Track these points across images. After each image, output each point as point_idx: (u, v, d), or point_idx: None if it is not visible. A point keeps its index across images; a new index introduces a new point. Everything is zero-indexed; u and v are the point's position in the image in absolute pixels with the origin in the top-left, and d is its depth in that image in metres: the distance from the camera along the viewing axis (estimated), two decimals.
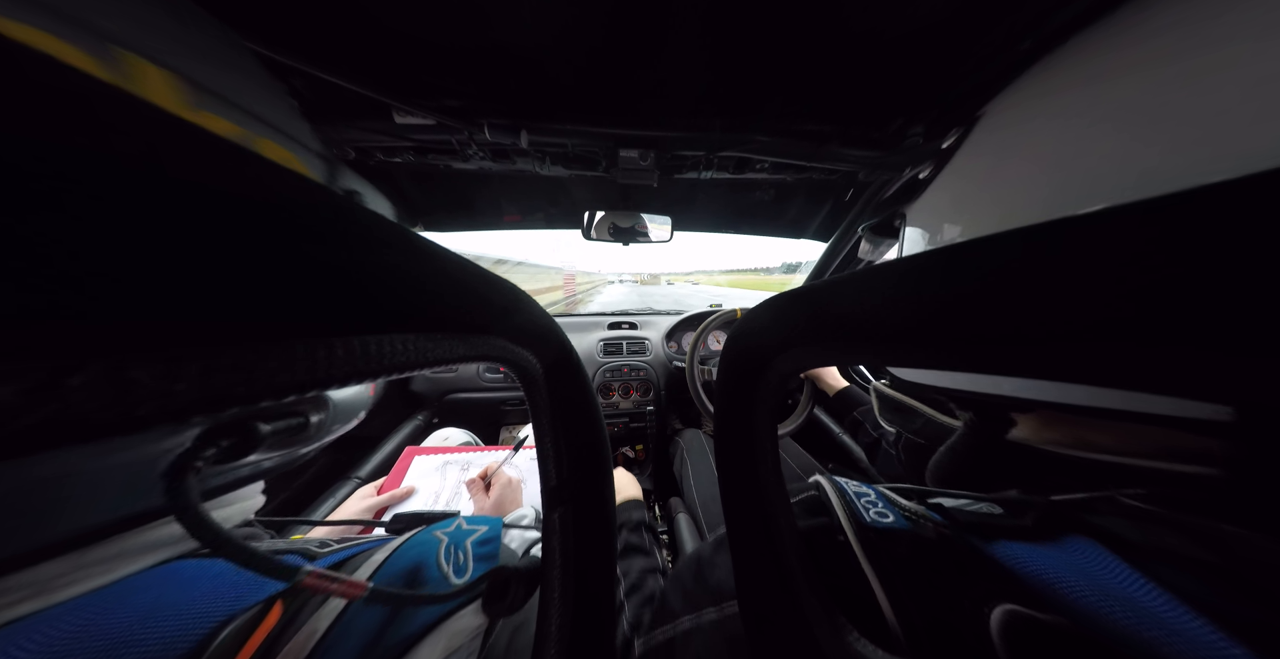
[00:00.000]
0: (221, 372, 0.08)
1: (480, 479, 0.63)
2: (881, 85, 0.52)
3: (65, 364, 0.06)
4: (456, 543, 0.29)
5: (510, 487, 0.62)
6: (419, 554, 0.27)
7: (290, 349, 0.09)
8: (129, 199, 0.07)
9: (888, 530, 0.23)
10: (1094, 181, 0.20)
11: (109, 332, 0.06)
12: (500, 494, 0.59)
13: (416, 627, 0.22)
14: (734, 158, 0.74)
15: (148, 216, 0.07)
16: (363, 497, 0.65)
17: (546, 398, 0.22)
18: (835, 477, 0.30)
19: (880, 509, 0.25)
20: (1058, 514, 0.22)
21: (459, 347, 0.15)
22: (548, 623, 0.21)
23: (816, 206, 1.05)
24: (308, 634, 0.20)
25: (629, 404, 1.40)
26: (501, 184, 0.97)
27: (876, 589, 0.20)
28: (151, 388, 0.07)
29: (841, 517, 0.25)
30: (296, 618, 0.20)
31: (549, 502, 0.23)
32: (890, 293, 0.14)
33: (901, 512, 0.25)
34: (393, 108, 0.56)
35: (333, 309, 0.11)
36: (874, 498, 0.27)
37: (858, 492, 0.27)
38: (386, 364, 0.12)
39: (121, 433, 0.07)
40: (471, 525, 0.32)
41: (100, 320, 0.06)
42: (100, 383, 0.06)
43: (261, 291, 0.09)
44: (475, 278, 0.17)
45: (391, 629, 0.22)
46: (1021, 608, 0.17)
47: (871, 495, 0.27)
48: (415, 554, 0.27)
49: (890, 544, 0.22)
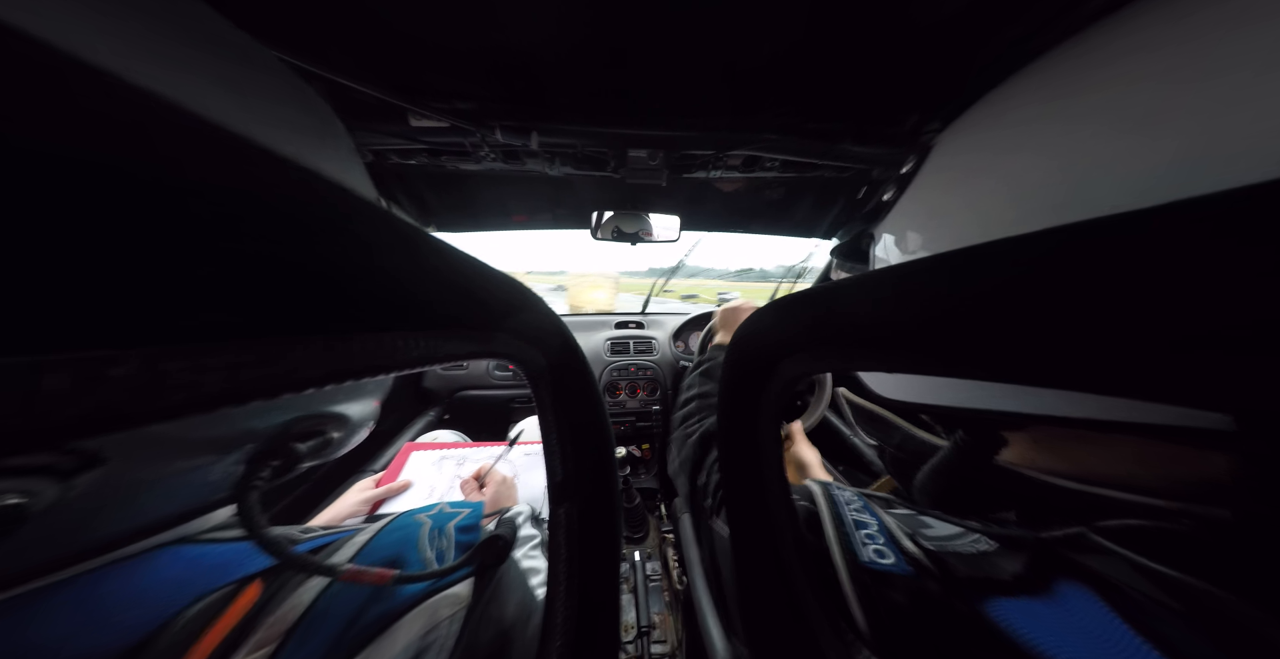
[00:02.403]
0: (246, 367, 0.08)
1: (474, 479, 0.63)
2: (895, 80, 0.51)
3: (108, 355, 0.06)
4: (439, 526, 0.29)
5: (505, 484, 0.62)
6: (401, 538, 0.27)
7: (310, 345, 0.10)
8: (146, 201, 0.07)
9: (885, 574, 0.21)
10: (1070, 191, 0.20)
11: (137, 328, 0.07)
12: (495, 492, 0.60)
13: (398, 603, 0.22)
14: (743, 156, 0.73)
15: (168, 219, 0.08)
16: (360, 489, 0.66)
17: (552, 394, 0.22)
18: (832, 487, 0.28)
19: (879, 546, 0.22)
20: (1049, 554, 0.21)
21: (468, 343, 0.15)
22: (553, 616, 0.21)
23: (828, 205, 1.04)
24: (289, 609, 0.20)
25: (636, 403, 1.41)
26: (511, 185, 0.98)
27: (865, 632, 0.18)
28: (180, 380, 0.07)
29: (835, 549, 0.22)
30: (277, 594, 0.21)
31: (555, 497, 0.23)
32: (897, 297, 0.14)
33: (903, 554, 0.22)
34: (408, 111, 0.58)
35: (346, 307, 0.11)
36: (875, 531, 0.24)
37: (858, 520, 0.24)
38: (400, 359, 0.12)
39: (158, 420, 0.07)
40: (454, 508, 0.32)
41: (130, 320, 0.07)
42: (138, 374, 0.07)
43: (276, 291, 0.09)
44: (484, 276, 0.18)
45: (374, 606, 0.22)
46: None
47: (872, 528, 0.24)
48: (398, 537, 0.27)
49: (887, 590, 0.20)
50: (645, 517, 1.17)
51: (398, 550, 0.26)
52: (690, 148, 0.70)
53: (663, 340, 1.49)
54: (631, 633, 0.87)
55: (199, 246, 0.08)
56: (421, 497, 0.68)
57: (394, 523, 0.28)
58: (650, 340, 1.49)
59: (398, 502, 0.66)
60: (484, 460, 0.71)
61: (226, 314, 0.08)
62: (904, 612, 0.19)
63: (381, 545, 0.26)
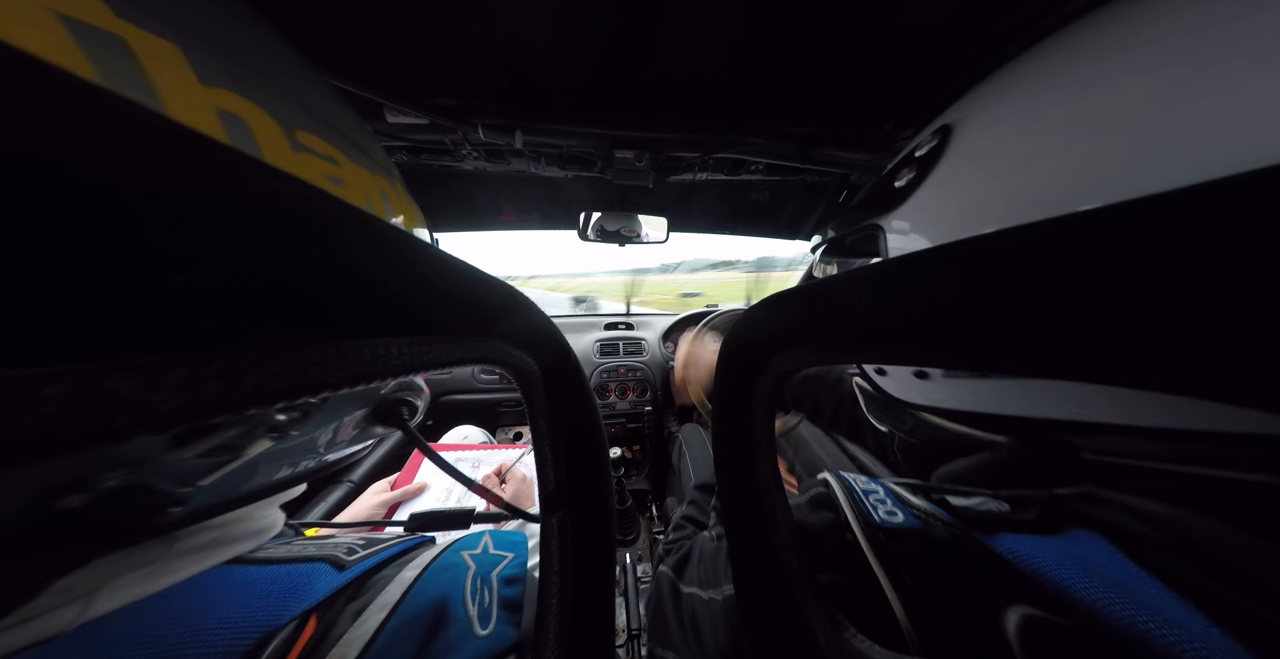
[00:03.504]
0: (206, 380, 0.08)
1: (495, 475, 0.65)
2: (873, 88, 0.52)
3: (44, 374, 0.06)
4: (483, 575, 0.28)
5: (525, 483, 0.63)
6: (445, 585, 0.26)
7: (280, 355, 0.09)
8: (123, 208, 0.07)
9: (897, 530, 0.23)
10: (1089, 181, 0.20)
11: (90, 341, 0.06)
12: (516, 490, 0.61)
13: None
14: (729, 159, 0.74)
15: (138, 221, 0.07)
16: (376, 492, 0.65)
17: (545, 400, 0.22)
18: (844, 473, 0.30)
19: (890, 508, 0.25)
20: (1061, 507, 0.22)
21: (455, 350, 0.15)
22: (546, 630, 0.21)
23: (811, 208, 1.06)
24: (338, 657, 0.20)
25: (626, 405, 1.40)
26: (497, 184, 0.96)
27: (887, 589, 0.20)
28: (130, 398, 0.07)
29: (849, 515, 0.25)
30: (329, 634, 0.20)
31: (547, 506, 0.22)
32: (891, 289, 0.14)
33: (911, 510, 0.25)
34: (385, 107, 0.56)
35: (323, 313, 0.10)
36: (883, 495, 0.26)
37: (866, 489, 0.27)
38: (380, 368, 0.11)
39: (101, 442, 0.06)
40: (499, 550, 0.30)
41: (82, 330, 0.06)
42: (77, 393, 0.06)
43: (243, 296, 0.08)
44: (472, 280, 0.17)
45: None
46: (1038, 612, 0.17)
47: (880, 493, 0.27)
48: (441, 583, 0.26)
49: (900, 543, 0.22)
50: (636, 519, 1.16)
51: (443, 597, 0.25)
52: (676, 150, 0.70)
53: (652, 341, 1.49)
54: (622, 636, 0.86)
55: (160, 252, 0.07)
56: (438, 498, 0.67)
57: (440, 561, 0.27)
58: (640, 341, 1.48)
59: (414, 504, 0.65)
60: (498, 463, 0.71)
61: (193, 324, 0.07)
62: (915, 560, 0.21)
63: (427, 589, 0.25)
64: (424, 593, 0.25)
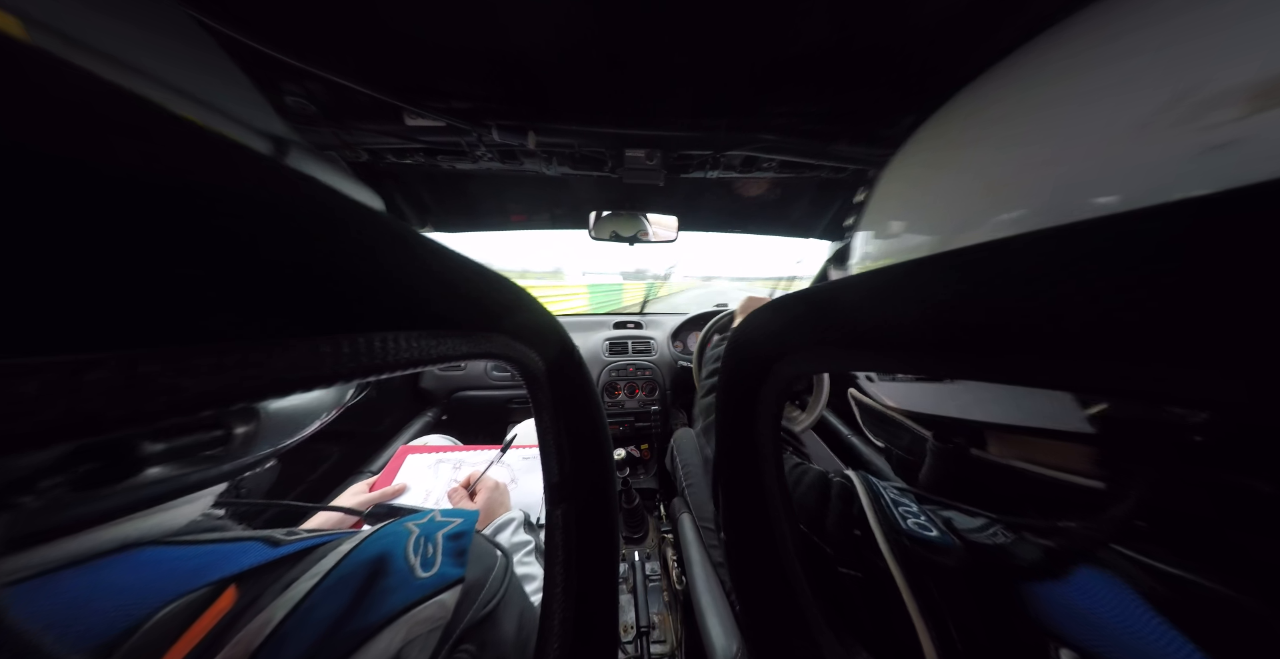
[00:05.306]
0: (230, 369, 0.08)
1: (463, 487, 0.61)
2: (891, 81, 0.51)
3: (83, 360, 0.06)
4: (428, 535, 0.28)
5: (498, 491, 0.60)
6: (387, 544, 0.26)
7: (297, 347, 0.10)
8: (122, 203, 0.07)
9: (929, 542, 0.23)
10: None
11: (120, 330, 0.07)
12: (488, 499, 0.58)
13: (378, 617, 0.22)
14: (740, 156, 0.73)
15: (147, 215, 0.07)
16: (355, 493, 0.64)
17: (549, 395, 0.22)
18: (866, 475, 0.30)
19: (921, 522, 0.25)
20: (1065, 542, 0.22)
21: (462, 344, 0.15)
22: (551, 618, 0.21)
23: (825, 204, 1.04)
24: (263, 622, 0.19)
25: (634, 403, 1.40)
26: (508, 185, 0.98)
27: (905, 595, 0.20)
28: (161, 384, 0.07)
29: (869, 511, 0.25)
30: (255, 603, 0.19)
31: (552, 498, 0.23)
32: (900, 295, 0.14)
33: (949, 530, 0.24)
34: (403, 110, 0.57)
35: (337, 307, 0.11)
36: (914, 509, 0.26)
37: (895, 499, 0.27)
38: (390, 361, 0.12)
39: (138, 426, 0.07)
40: (446, 517, 0.31)
41: (112, 321, 0.07)
42: (114, 378, 0.07)
43: (264, 291, 0.09)
44: (480, 277, 0.18)
45: (353, 619, 0.21)
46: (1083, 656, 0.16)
47: (912, 507, 0.27)
48: (383, 544, 0.26)
49: (933, 555, 0.22)
50: (644, 517, 1.16)
51: (383, 553, 0.25)
52: (688, 148, 0.70)
53: (661, 340, 1.49)
54: (631, 633, 0.86)
55: (181, 246, 0.08)
56: (418, 500, 0.67)
57: (382, 530, 0.28)
58: (649, 340, 1.48)
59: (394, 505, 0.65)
60: (481, 464, 0.70)
61: (211, 316, 0.08)
62: (951, 573, 0.21)
63: (366, 551, 0.25)
64: (362, 554, 0.24)
